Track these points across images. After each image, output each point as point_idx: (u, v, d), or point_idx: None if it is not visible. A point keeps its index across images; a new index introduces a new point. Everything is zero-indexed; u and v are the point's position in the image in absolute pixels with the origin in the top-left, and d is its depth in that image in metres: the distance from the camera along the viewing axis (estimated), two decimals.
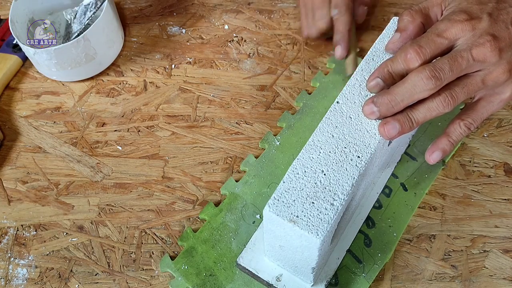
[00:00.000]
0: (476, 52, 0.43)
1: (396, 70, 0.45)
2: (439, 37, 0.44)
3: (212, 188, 0.58)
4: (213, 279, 0.52)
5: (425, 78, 0.42)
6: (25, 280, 0.53)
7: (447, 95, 0.43)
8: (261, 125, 0.63)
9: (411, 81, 0.43)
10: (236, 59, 0.68)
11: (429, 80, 0.42)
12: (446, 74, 0.42)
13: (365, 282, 0.51)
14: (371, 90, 0.46)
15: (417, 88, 0.43)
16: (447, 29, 0.44)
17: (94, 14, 0.65)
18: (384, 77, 0.45)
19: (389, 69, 0.45)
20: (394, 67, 0.45)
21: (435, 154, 0.48)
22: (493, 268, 0.53)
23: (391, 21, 0.51)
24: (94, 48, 0.64)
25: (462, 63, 0.43)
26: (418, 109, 0.44)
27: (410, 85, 0.43)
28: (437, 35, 0.44)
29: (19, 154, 0.62)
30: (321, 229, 0.40)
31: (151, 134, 0.63)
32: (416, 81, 0.43)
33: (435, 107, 0.44)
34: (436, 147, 0.48)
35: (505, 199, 0.57)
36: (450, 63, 0.43)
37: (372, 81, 0.46)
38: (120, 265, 0.54)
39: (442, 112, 0.44)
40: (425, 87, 0.42)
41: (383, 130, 0.44)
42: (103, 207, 0.57)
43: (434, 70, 0.42)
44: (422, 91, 0.43)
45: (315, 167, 0.43)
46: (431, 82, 0.42)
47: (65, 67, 0.64)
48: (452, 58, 0.43)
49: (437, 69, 0.42)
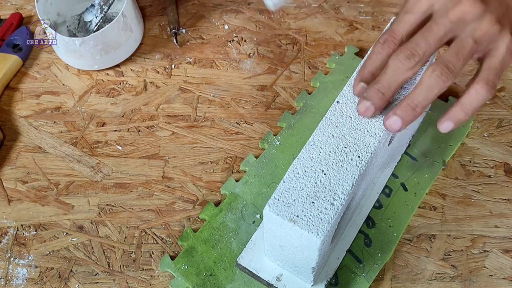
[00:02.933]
0: (453, 12, 0.41)
1: (376, 65, 0.44)
2: (408, 14, 0.43)
3: (212, 188, 0.58)
4: (213, 279, 0.51)
5: (402, 59, 0.41)
6: (25, 280, 0.53)
7: (443, 67, 0.41)
8: (261, 125, 0.63)
9: (391, 66, 0.42)
10: (236, 59, 0.68)
11: (407, 60, 0.41)
12: (423, 48, 0.41)
13: (365, 282, 0.51)
14: (358, 96, 0.46)
15: (399, 71, 0.42)
16: (416, 3, 0.43)
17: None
18: (367, 78, 0.45)
19: (368, 69, 0.45)
20: (372, 64, 0.44)
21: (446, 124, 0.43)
22: (493, 268, 0.53)
23: (391, 21, 0.51)
24: (130, 24, 0.66)
25: (439, 30, 0.41)
26: (417, 93, 0.42)
27: (392, 70, 0.42)
28: (406, 13, 0.43)
29: (19, 154, 0.62)
30: (321, 229, 0.40)
31: (151, 134, 0.63)
32: (395, 64, 0.42)
33: (435, 83, 0.41)
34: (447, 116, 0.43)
35: (505, 199, 0.57)
36: (424, 35, 0.41)
37: (356, 87, 0.45)
38: (120, 265, 0.54)
39: (444, 87, 0.41)
40: (405, 67, 0.42)
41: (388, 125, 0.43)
42: (103, 207, 0.57)
43: (409, 48, 0.41)
44: (404, 71, 0.42)
45: (315, 167, 0.43)
46: (408, 61, 0.41)
47: (109, 51, 0.65)
48: (426, 28, 0.41)
49: (412, 46, 0.41)
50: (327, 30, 0.71)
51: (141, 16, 0.71)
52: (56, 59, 0.69)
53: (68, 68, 0.68)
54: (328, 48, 0.69)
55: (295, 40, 0.70)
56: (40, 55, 0.70)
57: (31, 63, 0.69)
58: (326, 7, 0.73)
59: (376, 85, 0.43)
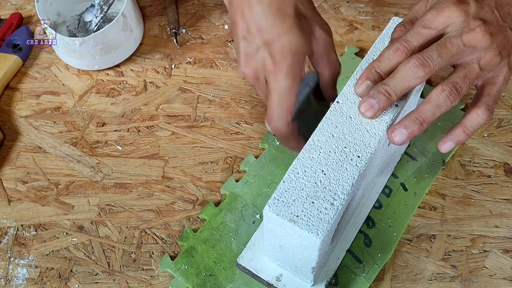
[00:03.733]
0: (466, 37, 0.43)
1: (384, 69, 0.45)
2: (425, 28, 0.44)
3: (212, 188, 0.58)
4: (213, 279, 0.52)
5: (412, 67, 0.43)
6: (25, 280, 0.53)
7: (452, 88, 0.43)
8: (261, 125, 0.63)
9: (401, 71, 0.43)
10: (236, 59, 0.68)
11: (417, 68, 0.42)
12: (435, 61, 0.43)
13: (365, 282, 0.51)
14: (361, 95, 0.46)
15: (408, 77, 0.43)
16: (434, 19, 0.44)
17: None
18: (374, 78, 0.45)
19: (376, 69, 0.45)
20: (381, 66, 0.45)
21: (447, 144, 0.47)
22: (493, 268, 0.53)
23: (391, 21, 0.51)
24: (130, 24, 0.66)
25: (452, 49, 0.43)
26: (426, 109, 0.44)
27: (400, 75, 0.43)
28: (423, 27, 0.44)
29: (19, 154, 0.62)
30: (321, 229, 0.40)
31: (151, 134, 0.63)
32: (405, 70, 0.43)
33: (443, 103, 0.43)
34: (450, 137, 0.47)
35: (505, 199, 0.57)
36: (438, 50, 0.43)
37: (361, 84, 0.45)
38: (120, 265, 0.54)
39: (450, 106, 0.44)
40: (414, 76, 0.43)
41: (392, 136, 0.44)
42: (103, 207, 0.57)
43: (422, 58, 0.43)
44: (413, 78, 0.43)
45: (315, 167, 0.43)
46: (419, 70, 0.42)
47: (109, 51, 0.65)
48: (441, 44, 0.43)
49: (425, 57, 0.43)
50: None
51: (141, 16, 0.71)
52: (56, 59, 0.69)
53: (68, 68, 0.68)
54: None
55: None
56: (40, 55, 0.70)
57: (31, 63, 0.69)
58: (326, 7, 0.73)
59: (384, 86, 0.44)
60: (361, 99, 0.45)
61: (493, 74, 0.46)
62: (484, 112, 0.46)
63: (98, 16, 0.66)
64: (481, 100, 0.46)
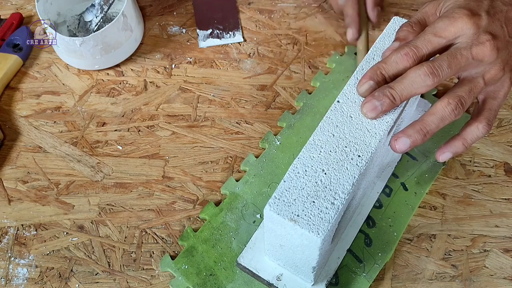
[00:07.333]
0: (476, 50, 0.43)
1: (390, 72, 0.45)
2: (436, 37, 0.44)
3: (213, 187, 0.58)
4: (214, 278, 0.52)
5: (422, 74, 0.43)
6: (25, 279, 0.53)
7: (458, 103, 0.44)
8: (262, 124, 0.63)
9: (410, 77, 0.43)
10: (236, 59, 0.68)
11: (427, 77, 0.43)
12: (444, 71, 0.43)
13: (366, 281, 0.51)
14: (363, 94, 0.45)
15: (415, 84, 0.43)
16: (446, 28, 0.44)
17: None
18: (378, 79, 0.45)
19: (382, 71, 0.45)
20: (387, 68, 0.45)
21: (445, 155, 0.48)
22: (494, 268, 0.53)
23: (391, 21, 0.51)
24: (130, 24, 0.66)
25: (461, 61, 0.43)
26: (431, 120, 0.44)
27: (409, 82, 0.43)
28: (434, 35, 0.44)
29: (19, 154, 0.62)
30: (322, 228, 0.40)
31: (152, 134, 0.63)
32: (414, 77, 0.43)
33: (448, 116, 0.44)
34: (449, 147, 0.48)
35: (506, 198, 0.57)
36: (449, 60, 0.43)
37: (364, 84, 0.45)
38: (121, 264, 0.54)
39: (453, 119, 0.45)
40: (423, 83, 0.43)
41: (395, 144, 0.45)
42: (104, 207, 0.57)
43: (432, 67, 0.43)
44: (420, 86, 0.43)
45: (315, 166, 0.43)
46: (429, 79, 0.43)
47: (109, 50, 0.65)
48: (452, 55, 0.43)
49: (435, 66, 0.43)
50: (327, 30, 0.71)
51: (141, 16, 0.71)
52: (56, 59, 0.69)
53: (68, 68, 0.68)
54: (328, 48, 0.69)
55: (295, 40, 0.70)
56: (40, 55, 0.70)
57: (31, 63, 0.69)
58: (326, 7, 0.73)
59: (390, 89, 0.44)
60: (364, 99, 0.45)
61: (495, 88, 0.47)
62: (485, 127, 0.47)
63: (98, 16, 0.66)
64: (483, 115, 0.47)
